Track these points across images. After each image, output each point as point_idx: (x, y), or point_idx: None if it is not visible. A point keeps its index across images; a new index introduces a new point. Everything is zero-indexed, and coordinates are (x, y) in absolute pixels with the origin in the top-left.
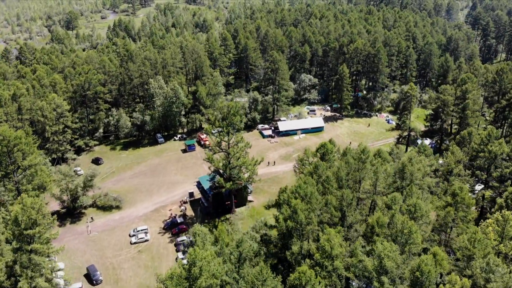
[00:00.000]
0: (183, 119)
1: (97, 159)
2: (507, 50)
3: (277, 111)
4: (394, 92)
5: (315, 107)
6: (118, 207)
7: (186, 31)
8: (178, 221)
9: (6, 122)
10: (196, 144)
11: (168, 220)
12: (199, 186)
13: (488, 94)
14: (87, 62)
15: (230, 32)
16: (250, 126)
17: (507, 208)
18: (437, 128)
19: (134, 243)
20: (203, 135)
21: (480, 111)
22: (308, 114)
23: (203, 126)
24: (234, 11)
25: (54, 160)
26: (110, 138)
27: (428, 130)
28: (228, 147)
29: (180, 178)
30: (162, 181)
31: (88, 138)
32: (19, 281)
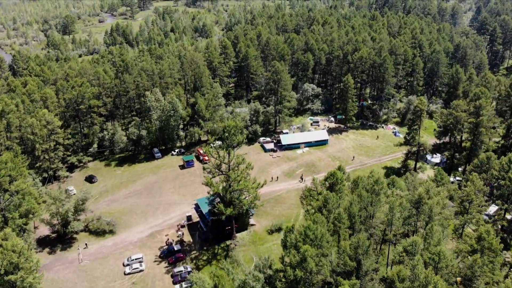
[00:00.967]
0: (182, 133)
1: (90, 177)
2: None
3: (279, 123)
4: (400, 101)
5: (319, 118)
6: (111, 232)
7: (185, 36)
8: (175, 248)
9: None
10: (194, 159)
11: (164, 247)
12: (197, 209)
13: (500, 108)
14: (81, 74)
15: (230, 39)
16: (251, 139)
17: None
18: (447, 142)
19: (128, 274)
20: (202, 150)
21: (495, 128)
22: (311, 125)
23: (202, 139)
24: (234, 15)
25: (45, 179)
26: (105, 154)
27: (437, 144)
28: (228, 169)
29: (177, 198)
30: (158, 201)
31: (81, 154)
32: None
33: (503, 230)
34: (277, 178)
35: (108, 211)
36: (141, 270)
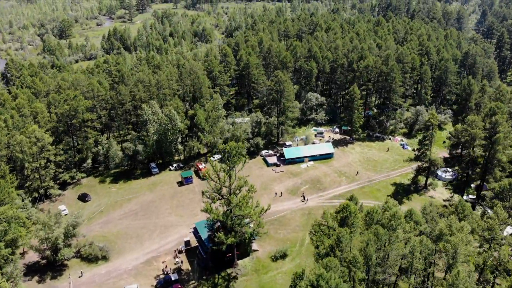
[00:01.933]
0: (180, 147)
1: (84, 195)
2: None
3: (282, 134)
4: (407, 111)
5: (323, 129)
6: (105, 258)
7: (185, 41)
8: (172, 278)
9: None
10: (193, 174)
11: (161, 276)
12: (196, 234)
13: None
14: (74, 86)
15: (230, 46)
16: (253, 152)
17: None
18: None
19: None
20: (202, 164)
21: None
22: (315, 136)
23: (202, 152)
24: (235, 19)
25: (35, 199)
26: (100, 169)
27: (448, 158)
28: (229, 193)
29: (175, 219)
30: (154, 223)
31: (74, 170)
32: None
33: None
34: (281, 193)
35: (101, 234)
36: None
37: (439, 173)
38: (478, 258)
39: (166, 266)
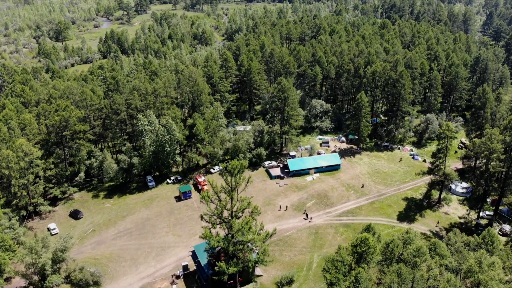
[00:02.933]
0: (178, 158)
1: (75, 212)
2: None
3: (285, 144)
4: (416, 118)
5: (328, 138)
6: (96, 284)
7: (184, 44)
8: None
9: None
10: (192, 188)
11: None
12: (195, 258)
13: None
14: (66, 94)
15: (231, 50)
16: (255, 164)
17: None
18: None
19: None
20: (201, 178)
21: None
22: (320, 146)
23: (201, 163)
24: (235, 21)
25: (24, 217)
26: (93, 182)
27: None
28: (231, 216)
29: (172, 239)
30: (150, 244)
31: (66, 185)
32: None
33: None
34: (286, 207)
35: (93, 257)
36: None
37: (453, 186)
38: None
39: None
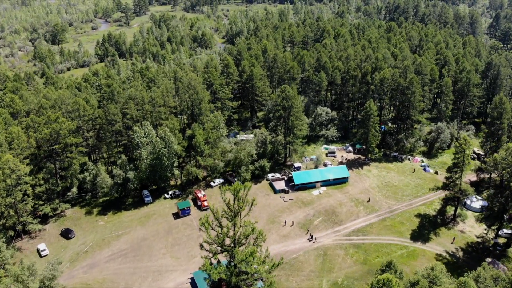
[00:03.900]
0: (177, 172)
1: (67, 231)
2: None
3: (289, 154)
4: (426, 126)
5: (335, 147)
6: None
7: (183, 47)
8: None
9: None
10: (191, 203)
11: None
12: (194, 286)
13: None
14: (57, 104)
15: (232, 54)
16: (258, 176)
17: None
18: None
19: None
20: (201, 192)
21: None
22: (326, 156)
23: (201, 176)
24: (236, 23)
25: (11, 237)
26: (87, 197)
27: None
28: (234, 244)
29: (170, 262)
30: (146, 267)
31: (57, 201)
32: None
33: None
34: (292, 223)
35: (85, 282)
36: None
37: (467, 201)
38: None
39: None
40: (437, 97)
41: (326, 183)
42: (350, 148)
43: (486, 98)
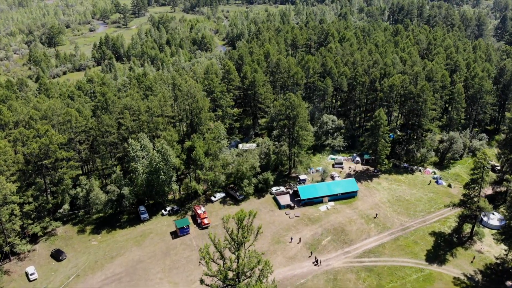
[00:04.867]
0: (175, 186)
1: (57, 253)
2: None
3: (294, 165)
4: (438, 134)
5: (342, 158)
6: None
7: (182, 50)
8: None
9: None
10: (190, 220)
11: None
12: None
13: None
14: (48, 116)
15: (233, 59)
16: (261, 190)
17: None
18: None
19: None
20: (201, 209)
21: None
22: (333, 167)
23: (200, 191)
24: (236, 24)
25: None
26: (79, 214)
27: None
28: (237, 278)
29: (167, 287)
30: None
31: (47, 219)
32: None
33: None
34: (299, 239)
35: None
36: None
37: (484, 218)
38: None
39: None
40: (447, 104)
41: (334, 198)
42: (358, 158)
43: (498, 105)
